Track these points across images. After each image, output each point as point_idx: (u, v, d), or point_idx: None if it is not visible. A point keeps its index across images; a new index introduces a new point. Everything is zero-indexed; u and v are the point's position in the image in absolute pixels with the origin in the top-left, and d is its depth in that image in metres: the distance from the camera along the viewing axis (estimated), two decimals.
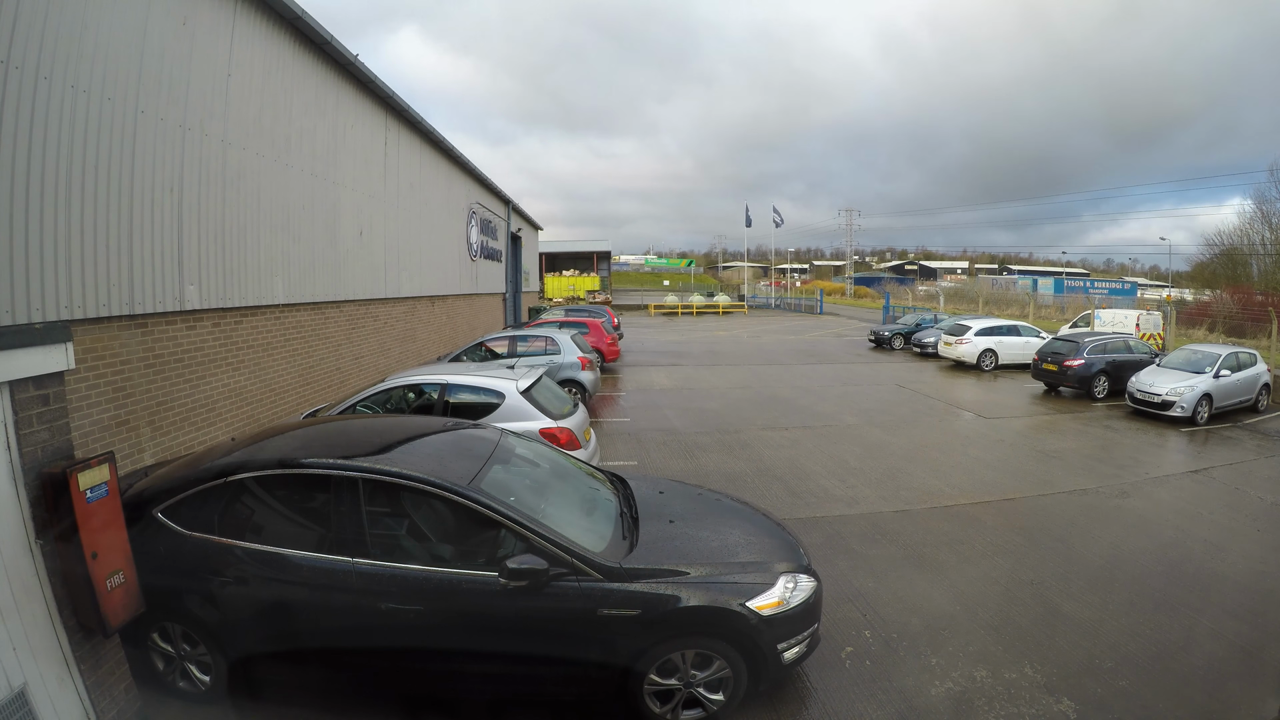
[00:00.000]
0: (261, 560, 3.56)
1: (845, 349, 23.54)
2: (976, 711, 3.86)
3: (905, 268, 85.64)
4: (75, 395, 4.76)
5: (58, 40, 4.72)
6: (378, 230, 11.97)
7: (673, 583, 3.59)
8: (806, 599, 3.81)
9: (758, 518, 4.60)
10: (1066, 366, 14.27)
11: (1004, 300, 43.85)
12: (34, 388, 3.05)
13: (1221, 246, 37.35)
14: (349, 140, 10.66)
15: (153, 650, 3.71)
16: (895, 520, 6.87)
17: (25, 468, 2.98)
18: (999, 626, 4.79)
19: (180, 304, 6.22)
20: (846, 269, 72.51)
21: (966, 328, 18.95)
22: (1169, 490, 8.09)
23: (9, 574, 2.89)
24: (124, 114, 5.44)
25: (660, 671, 3.56)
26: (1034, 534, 6.56)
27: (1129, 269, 73.34)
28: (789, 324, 35.23)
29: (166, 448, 5.94)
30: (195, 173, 6.48)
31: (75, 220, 4.91)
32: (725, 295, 53.00)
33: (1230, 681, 4.21)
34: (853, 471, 8.54)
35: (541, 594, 3.44)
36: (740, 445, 9.81)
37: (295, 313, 8.76)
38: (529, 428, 6.32)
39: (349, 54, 9.73)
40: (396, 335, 13.03)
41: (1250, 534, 6.71)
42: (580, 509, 4.15)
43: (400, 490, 3.66)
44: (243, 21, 7.36)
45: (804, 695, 4.00)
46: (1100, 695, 4.00)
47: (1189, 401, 11.70)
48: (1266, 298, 28.05)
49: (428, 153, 15.26)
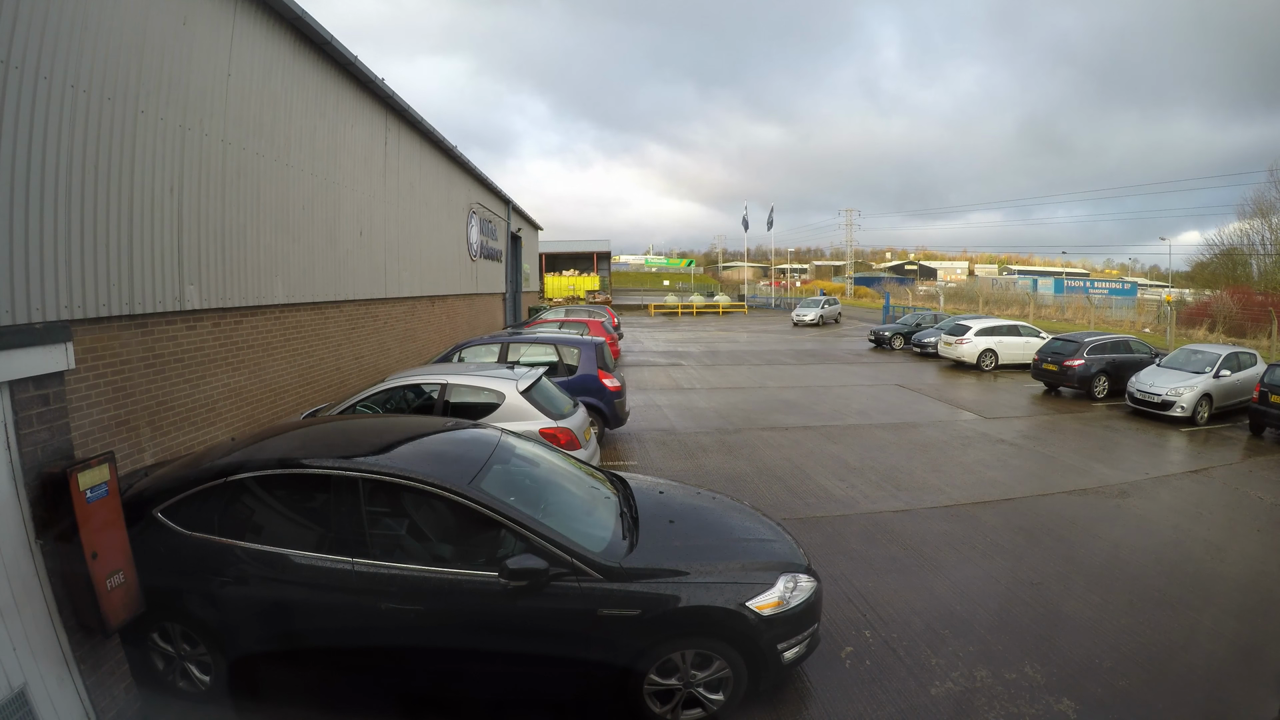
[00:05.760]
0: (261, 560, 3.56)
1: (845, 349, 23.54)
2: (977, 711, 3.86)
3: (905, 268, 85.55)
4: (75, 395, 4.75)
5: (58, 40, 4.71)
6: (378, 230, 11.97)
7: (672, 583, 3.59)
8: (806, 599, 3.81)
9: (758, 518, 4.60)
10: (1067, 366, 14.27)
11: (1004, 300, 43.86)
12: (34, 388, 3.05)
13: (1221, 246, 37.42)
14: (349, 140, 10.66)
15: (153, 650, 3.70)
16: (895, 520, 6.87)
17: (25, 468, 2.99)
18: (999, 626, 4.79)
19: (180, 304, 6.21)
20: (846, 269, 72.48)
21: (966, 328, 18.94)
22: (1169, 490, 8.09)
23: (9, 574, 2.89)
24: (124, 114, 5.44)
25: (660, 671, 3.56)
26: (1034, 534, 6.56)
27: (1129, 269, 73.34)
28: (789, 324, 35.23)
29: (166, 448, 5.94)
30: (195, 173, 6.47)
31: (75, 220, 4.90)
32: (725, 295, 53.02)
33: (1230, 681, 4.21)
34: (853, 471, 8.54)
35: (541, 594, 3.44)
36: (741, 445, 9.81)
37: (295, 313, 8.76)
38: (529, 428, 6.32)
39: (349, 54, 9.73)
40: (397, 335, 13.02)
41: (1250, 534, 6.71)
42: (580, 509, 4.15)
43: (400, 490, 3.66)
44: (243, 21, 7.36)
45: (804, 695, 4.00)
46: (1100, 695, 4.00)
47: (1189, 401, 11.70)
48: (1266, 298, 28.03)
49: (428, 152, 15.26)
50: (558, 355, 9.41)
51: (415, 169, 14.30)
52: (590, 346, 9.53)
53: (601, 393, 8.99)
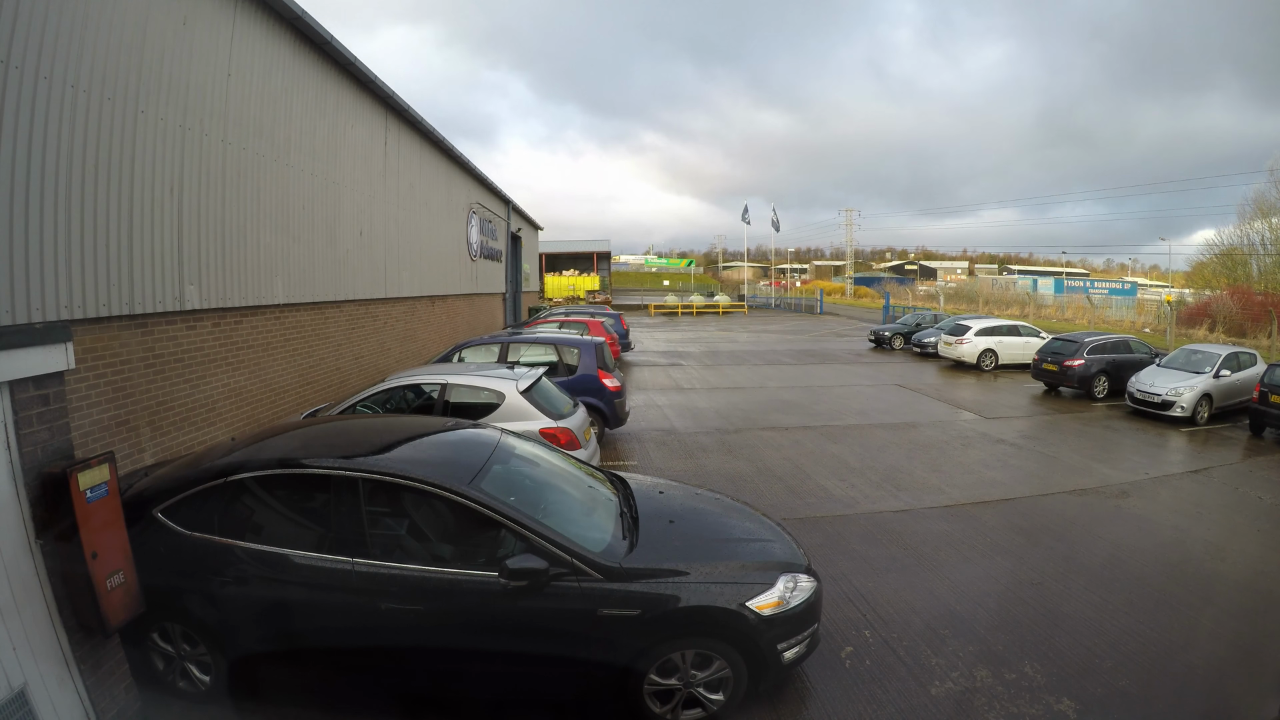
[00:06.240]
0: (261, 560, 3.56)
1: (845, 349, 23.54)
2: (977, 711, 3.86)
3: (905, 268, 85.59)
4: (75, 395, 4.75)
5: (58, 40, 4.71)
6: (378, 230, 11.97)
7: (673, 583, 3.59)
8: (806, 599, 3.81)
9: (757, 518, 4.60)
10: (1067, 366, 14.27)
11: (1004, 300, 43.89)
12: (34, 388, 3.05)
13: (1221, 246, 37.39)
14: (349, 140, 10.66)
15: (153, 650, 3.70)
16: (896, 520, 6.87)
17: (25, 468, 2.99)
18: (999, 626, 4.79)
19: (180, 304, 6.22)
20: (846, 269, 72.51)
21: (966, 328, 18.94)
22: (1169, 490, 8.09)
23: (9, 574, 2.89)
24: (124, 114, 5.44)
25: (660, 671, 3.56)
26: (1034, 534, 6.56)
27: (1129, 269, 73.30)
28: (789, 324, 35.24)
29: (166, 448, 5.94)
30: (195, 173, 6.47)
31: (75, 220, 4.90)
32: (725, 295, 53.03)
33: (1230, 681, 4.21)
34: (853, 471, 8.54)
35: (541, 594, 3.44)
36: (741, 445, 9.81)
37: (295, 313, 8.76)
38: (529, 428, 6.32)
39: (349, 54, 9.73)
40: (397, 335, 13.02)
41: (1250, 534, 6.71)
42: (580, 509, 4.14)
43: (400, 490, 3.66)
44: (243, 21, 7.36)
45: (804, 695, 4.00)
46: (1100, 695, 4.00)
47: (1189, 401, 11.70)
48: (1266, 298, 28.03)
49: (428, 152, 15.26)
50: (558, 355, 9.42)
51: (415, 169, 14.30)
52: (590, 346, 9.53)
53: (601, 393, 8.99)
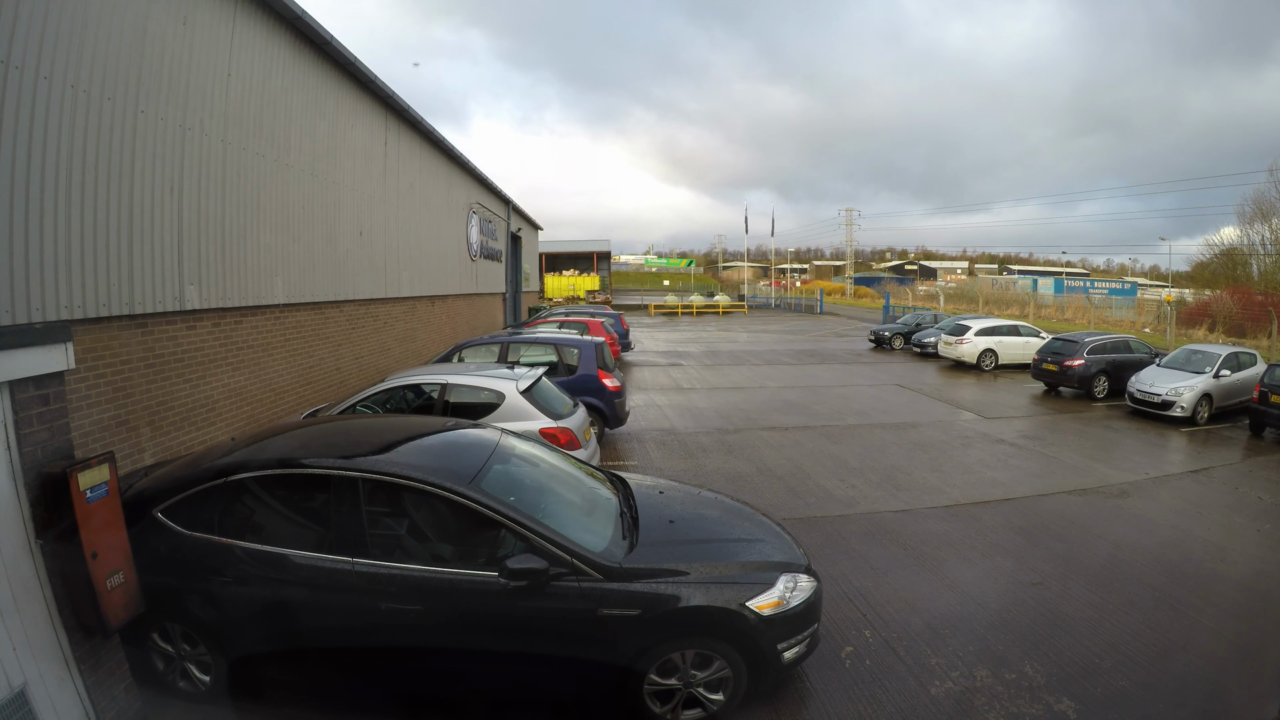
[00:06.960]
0: (261, 560, 3.56)
1: (845, 349, 23.54)
2: (977, 711, 3.86)
3: (905, 268, 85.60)
4: (75, 395, 4.75)
5: (58, 40, 4.71)
6: (378, 230, 11.97)
7: (673, 583, 3.59)
8: (806, 599, 3.81)
9: (758, 518, 4.60)
10: (1067, 366, 14.27)
11: (1004, 300, 43.88)
12: (34, 388, 3.05)
13: (1221, 246, 37.42)
14: (349, 140, 10.66)
15: (153, 650, 3.70)
16: (896, 520, 6.87)
17: (25, 467, 2.98)
18: (999, 626, 4.79)
19: (180, 304, 6.21)
20: (846, 269, 72.52)
21: (966, 328, 18.94)
22: (1169, 490, 8.09)
23: (9, 574, 2.89)
24: (124, 114, 5.44)
25: (660, 671, 3.56)
26: (1034, 534, 6.56)
27: (1129, 269, 73.33)
28: (789, 324, 35.24)
29: (166, 448, 5.93)
30: (195, 173, 6.47)
31: (75, 220, 4.90)
32: (725, 295, 53.06)
33: (1230, 681, 4.21)
34: (853, 471, 8.54)
35: (541, 594, 3.44)
36: (741, 445, 9.81)
37: (295, 313, 8.76)
38: (529, 428, 6.32)
39: (349, 54, 9.73)
40: (396, 335, 13.02)
41: (1250, 534, 6.71)
42: (580, 509, 4.14)
43: (400, 490, 3.66)
44: (243, 21, 7.35)
45: (804, 695, 4.00)
46: (1100, 695, 4.00)
47: (1189, 401, 11.70)
48: (1266, 298, 28.04)
49: (428, 152, 15.26)
50: (557, 355, 9.43)
51: (415, 168, 14.29)
52: (590, 346, 9.54)
53: (601, 393, 9.00)
